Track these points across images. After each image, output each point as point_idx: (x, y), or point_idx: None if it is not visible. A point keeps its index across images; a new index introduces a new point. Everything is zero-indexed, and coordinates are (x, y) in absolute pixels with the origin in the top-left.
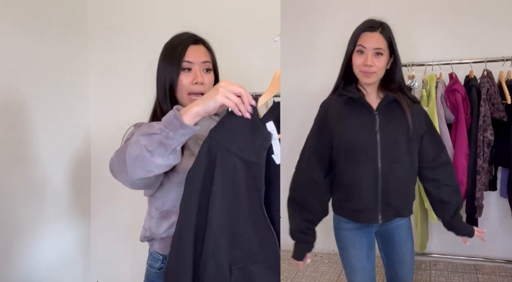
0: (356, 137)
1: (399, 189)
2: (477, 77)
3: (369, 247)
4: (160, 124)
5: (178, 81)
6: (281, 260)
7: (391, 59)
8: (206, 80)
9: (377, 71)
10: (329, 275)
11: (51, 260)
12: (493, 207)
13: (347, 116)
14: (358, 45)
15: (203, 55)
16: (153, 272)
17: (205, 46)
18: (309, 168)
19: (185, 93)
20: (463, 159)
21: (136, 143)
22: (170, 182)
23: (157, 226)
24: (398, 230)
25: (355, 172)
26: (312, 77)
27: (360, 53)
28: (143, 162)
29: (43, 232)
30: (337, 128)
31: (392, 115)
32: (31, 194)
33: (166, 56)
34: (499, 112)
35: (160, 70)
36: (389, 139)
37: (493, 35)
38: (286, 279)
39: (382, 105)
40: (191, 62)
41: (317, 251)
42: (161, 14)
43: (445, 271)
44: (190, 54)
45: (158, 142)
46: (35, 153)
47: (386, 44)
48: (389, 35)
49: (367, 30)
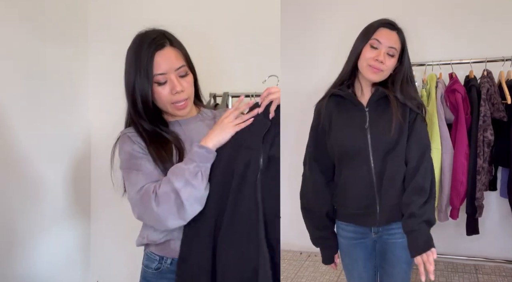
0: (346, 137)
1: (394, 187)
2: (477, 77)
3: (365, 258)
4: (192, 162)
5: (155, 95)
6: (281, 260)
7: (398, 64)
8: (185, 85)
9: (385, 71)
10: (329, 275)
11: (51, 260)
12: (493, 207)
13: (337, 116)
14: (373, 39)
15: (174, 60)
16: (150, 272)
17: (174, 47)
18: (312, 177)
19: (168, 104)
20: (463, 159)
21: (186, 185)
22: None
23: (155, 234)
24: (393, 248)
25: (349, 173)
26: (310, 78)
27: (373, 48)
28: (200, 199)
29: (43, 232)
30: (329, 130)
31: (383, 111)
32: (31, 194)
33: (132, 66)
34: (499, 112)
35: (129, 82)
36: (379, 137)
37: (493, 35)
38: (286, 279)
39: (373, 101)
40: (164, 73)
41: (317, 251)
42: (161, 14)
43: (445, 271)
44: (160, 65)
45: (201, 176)
46: (35, 153)
47: (400, 47)
48: (403, 39)
49: (386, 27)
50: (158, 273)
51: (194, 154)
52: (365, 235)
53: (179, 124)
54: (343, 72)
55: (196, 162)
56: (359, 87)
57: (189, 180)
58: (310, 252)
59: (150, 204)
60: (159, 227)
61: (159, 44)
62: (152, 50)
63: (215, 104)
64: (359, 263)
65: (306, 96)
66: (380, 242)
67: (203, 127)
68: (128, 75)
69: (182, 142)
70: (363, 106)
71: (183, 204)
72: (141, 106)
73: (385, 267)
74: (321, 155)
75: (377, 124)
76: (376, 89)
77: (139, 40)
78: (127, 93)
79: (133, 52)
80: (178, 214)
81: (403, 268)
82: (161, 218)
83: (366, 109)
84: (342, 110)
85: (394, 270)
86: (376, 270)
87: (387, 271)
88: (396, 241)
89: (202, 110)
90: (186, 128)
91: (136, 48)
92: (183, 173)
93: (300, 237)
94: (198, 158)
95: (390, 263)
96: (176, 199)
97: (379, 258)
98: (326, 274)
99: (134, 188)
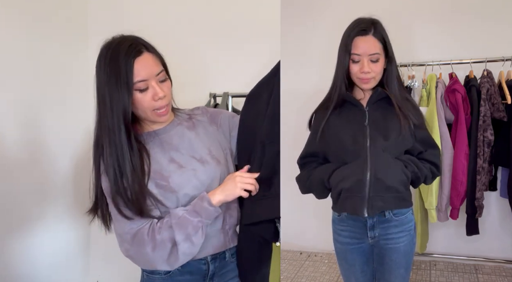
0: (344, 131)
1: (388, 179)
2: (477, 77)
3: (363, 263)
4: (198, 216)
5: (136, 103)
6: (281, 260)
7: (386, 60)
8: (166, 90)
9: (375, 76)
10: (329, 275)
11: (51, 259)
12: (493, 207)
13: (336, 115)
14: (352, 54)
15: (154, 66)
16: (157, 278)
17: (151, 52)
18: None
19: (149, 111)
20: (463, 159)
21: (185, 240)
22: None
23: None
24: (391, 253)
25: (345, 167)
26: (311, 77)
27: (355, 62)
28: (193, 254)
29: (43, 232)
30: (326, 129)
31: (384, 111)
32: (31, 194)
33: (109, 79)
34: (499, 112)
35: (104, 95)
36: (379, 135)
37: (493, 35)
38: (286, 279)
39: (372, 102)
40: (145, 80)
41: (317, 251)
42: (161, 14)
43: (445, 271)
44: (139, 71)
45: (201, 233)
46: (34, 153)
47: (381, 47)
48: (382, 35)
49: (359, 35)
50: (169, 277)
51: (202, 209)
52: (361, 240)
53: (156, 134)
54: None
55: (201, 217)
56: (360, 91)
57: (190, 235)
58: (310, 252)
59: (144, 247)
60: (145, 267)
61: (137, 50)
62: (131, 57)
63: (215, 104)
64: (356, 268)
65: (306, 95)
66: (378, 247)
67: (184, 129)
68: (105, 87)
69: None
70: (362, 106)
71: (178, 257)
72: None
73: (382, 272)
74: (317, 152)
75: (378, 122)
76: (375, 90)
77: (113, 50)
78: (101, 105)
79: (110, 61)
80: (168, 261)
81: (401, 274)
82: (153, 262)
83: (366, 108)
84: (342, 109)
85: (391, 275)
86: (374, 275)
87: (385, 276)
88: (393, 246)
89: (177, 114)
90: (167, 136)
91: (111, 58)
92: (186, 227)
93: (300, 237)
94: (205, 215)
95: (388, 268)
96: (172, 249)
97: (376, 263)
98: (326, 274)
99: (124, 225)
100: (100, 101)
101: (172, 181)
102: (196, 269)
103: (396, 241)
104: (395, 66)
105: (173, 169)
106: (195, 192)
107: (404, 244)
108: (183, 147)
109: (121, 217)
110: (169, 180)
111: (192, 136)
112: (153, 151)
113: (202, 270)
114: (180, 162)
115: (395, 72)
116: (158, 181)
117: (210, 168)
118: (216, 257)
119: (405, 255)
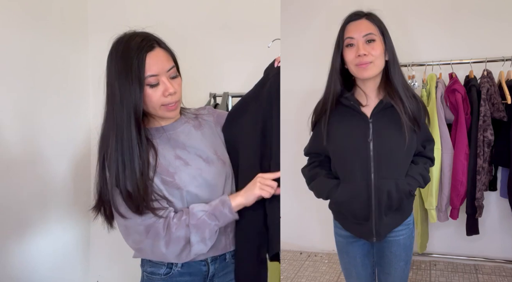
0: (347, 149)
1: (393, 205)
2: (477, 77)
3: (363, 255)
4: (216, 220)
5: (146, 99)
6: (281, 260)
7: (386, 54)
8: (176, 87)
9: (374, 60)
10: (329, 275)
11: (51, 259)
12: (493, 207)
13: (338, 125)
14: (346, 38)
15: (165, 61)
16: (157, 279)
17: (163, 48)
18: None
19: (158, 106)
20: (463, 159)
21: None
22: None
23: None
24: (391, 245)
25: (347, 187)
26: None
27: (350, 46)
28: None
29: (43, 232)
30: (328, 139)
31: (388, 122)
32: (31, 194)
33: (121, 73)
34: (499, 112)
35: (115, 89)
36: (383, 151)
37: (493, 35)
38: (286, 279)
39: (377, 112)
40: (156, 75)
41: (317, 251)
42: (161, 14)
43: (445, 271)
44: (151, 66)
45: (215, 235)
46: (34, 153)
47: (377, 30)
48: (378, 22)
49: (352, 19)
50: (168, 277)
51: (222, 214)
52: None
53: (164, 131)
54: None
55: (219, 221)
56: (362, 94)
57: (205, 238)
58: (310, 252)
59: (158, 241)
60: (153, 258)
61: (149, 45)
62: (143, 52)
63: (215, 104)
64: (357, 261)
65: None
66: (377, 243)
67: (190, 128)
68: (115, 82)
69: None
70: (366, 117)
71: (189, 255)
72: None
73: (383, 265)
74: (323, 157)
75: (382, 136)
76: (380, 102)
77: (125, 44)
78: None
79: (121, 57)
80: (179, 257)
81: (401, 266)
82: (164, 256)
83: (370, 120)
84: (344, 118)
85: (392, 268)
86: (374, 267)
87: (385, 269)
88: (394, 239)
89: (183, 112)
90: (174, 133)
91: (123, 52)
92: (203, 230)
93: (300, 237)
94: (223, 220)
95: (388, 261)
96: (185, 246)
97: (377, 256)
98: (326, 274)
99: (134, 217)
100: (110, 96)
101: (178, 177)
102: (196, 270)
103: (396, 234)
104: (397, 64)
105: (179, 166)
106: (199, 191)
107: (403, 237)
108: (190, 145)
109: (130, 211)
110: (175, 176)
111: (199, 136)
112: (161, 147)
113: (202, 271)
114: (186, 160)
115: (397, 62)
116: (164, 177)
117: (216, 168)
118: (216, 258)
119: (405, 248)
